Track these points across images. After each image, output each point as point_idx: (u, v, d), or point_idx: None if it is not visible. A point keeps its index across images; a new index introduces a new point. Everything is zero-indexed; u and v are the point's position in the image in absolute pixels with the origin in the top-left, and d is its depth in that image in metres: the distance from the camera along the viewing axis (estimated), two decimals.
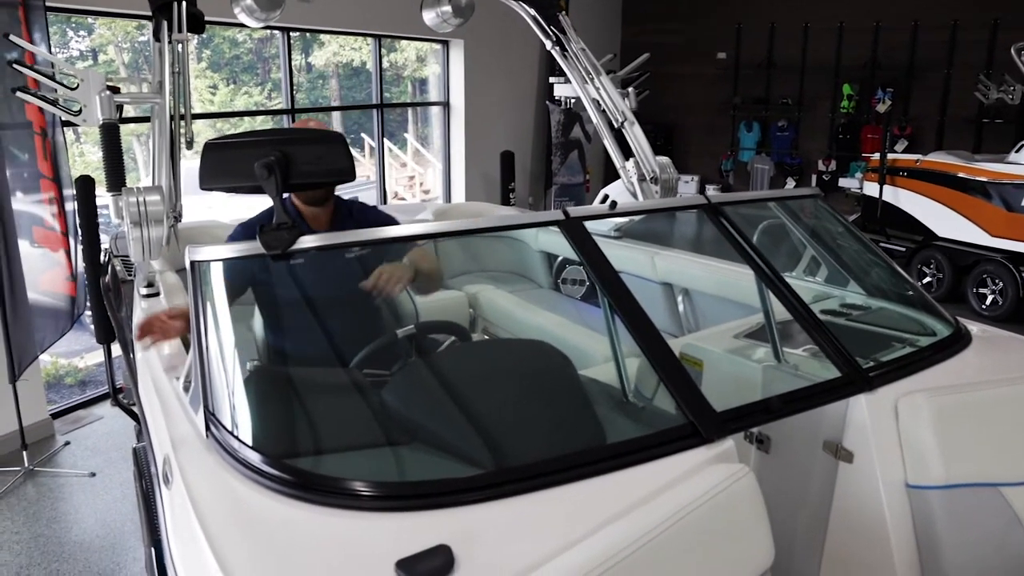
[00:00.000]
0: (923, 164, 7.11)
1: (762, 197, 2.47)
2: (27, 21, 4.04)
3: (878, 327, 2.32)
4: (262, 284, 1.92)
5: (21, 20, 3.97)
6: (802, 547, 1.98)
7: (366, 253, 2.00)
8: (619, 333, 1.80)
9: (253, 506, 1.40)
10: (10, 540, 3.69)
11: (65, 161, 4.40)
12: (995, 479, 1.79)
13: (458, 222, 1.78)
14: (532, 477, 1.40)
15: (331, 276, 2.03)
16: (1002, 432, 1.85)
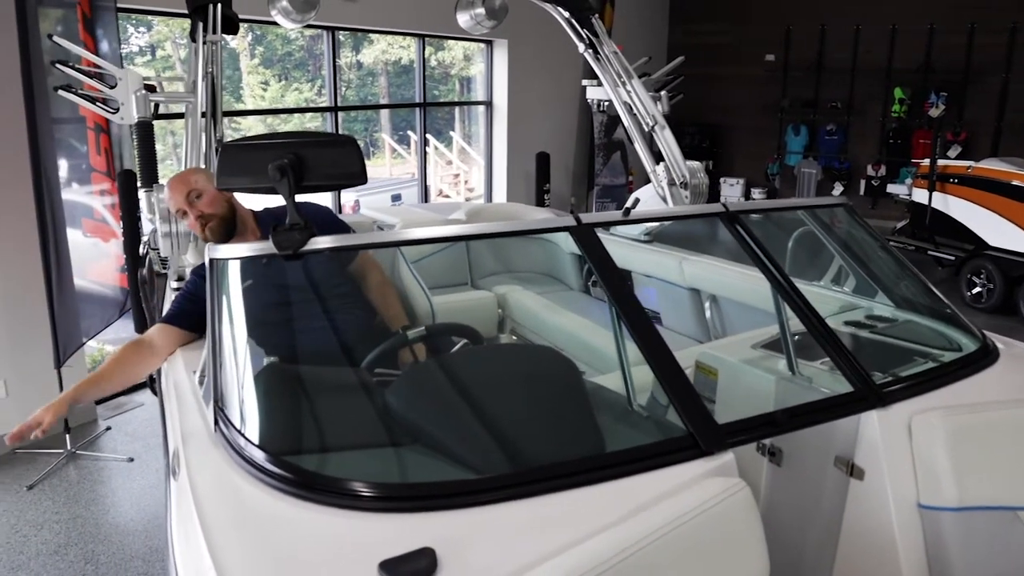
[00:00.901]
0: (975, 171, 6.90)
1: (783, 206, 2.43)
2: (85, 20, 4.17)
3: (901, 340, 2.27)
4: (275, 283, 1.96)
5: (79, 19, 4.10)
6: (811, 563, 1.95)
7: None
8: (625, 341, 1.79)
9: (251, 501, 1.43)
10: (51, 520, 3.82)
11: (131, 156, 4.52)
12: (1013, 503, 1.74)
13: (469, 226, 1.80)
14: (527, 483, 1.41)
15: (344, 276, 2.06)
16: (1020, 454, 1.79)
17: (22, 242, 4.33)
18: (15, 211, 4.29)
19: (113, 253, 4.71)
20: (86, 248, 4.59)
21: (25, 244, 4.32)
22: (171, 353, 2.28)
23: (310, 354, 1.92)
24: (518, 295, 3.75)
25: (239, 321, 1.84)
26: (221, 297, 1.83)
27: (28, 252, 4.31)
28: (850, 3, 9.42)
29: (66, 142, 4.36)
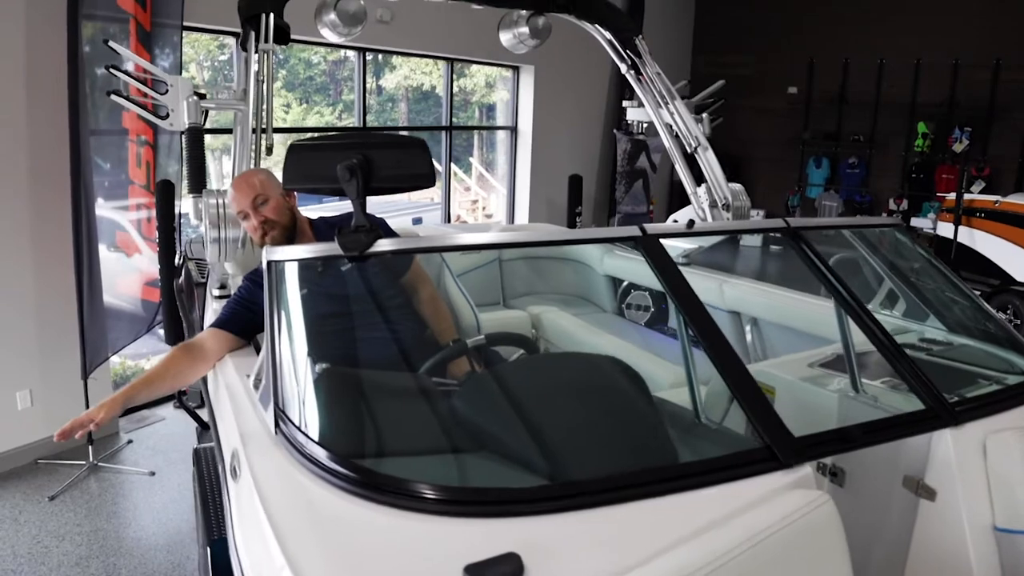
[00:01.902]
0: (1003, 205, 6.87)
1: (842, 224, 2.41)
2: (142, 34, 4.22)
3: (960, 363, 2.22)
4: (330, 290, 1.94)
5: (132, 32, 4.15)
6: None
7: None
8: (693, 353, 1.76)
9: (320, 502, 1.39)
10: (72, 531, 3.78)
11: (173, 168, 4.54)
12: None
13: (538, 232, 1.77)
14: (604, 491, 1.37)
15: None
16: None
17: (58, 254, 4.34)
18: (54, 223, 4.31)
19: (136, 267, 4.72)
20: (111, 262, 4.60)
21: (60, 256, 4.33)
22: (220, 358, 2.25)
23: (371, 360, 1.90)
24: (552, 315, 3.72)
25: (299, 324, 1.81)
26: (280, 299, 1.81)
27: (63, 264, 4.32)
28: (874, 36, 9.47)
29: (105, 154, 4.39)
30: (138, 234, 4.68)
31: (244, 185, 2.42)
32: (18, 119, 4.11)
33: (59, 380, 4.48)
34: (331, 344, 1.86)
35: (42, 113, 4.17)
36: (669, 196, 10.85)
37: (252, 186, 2.40)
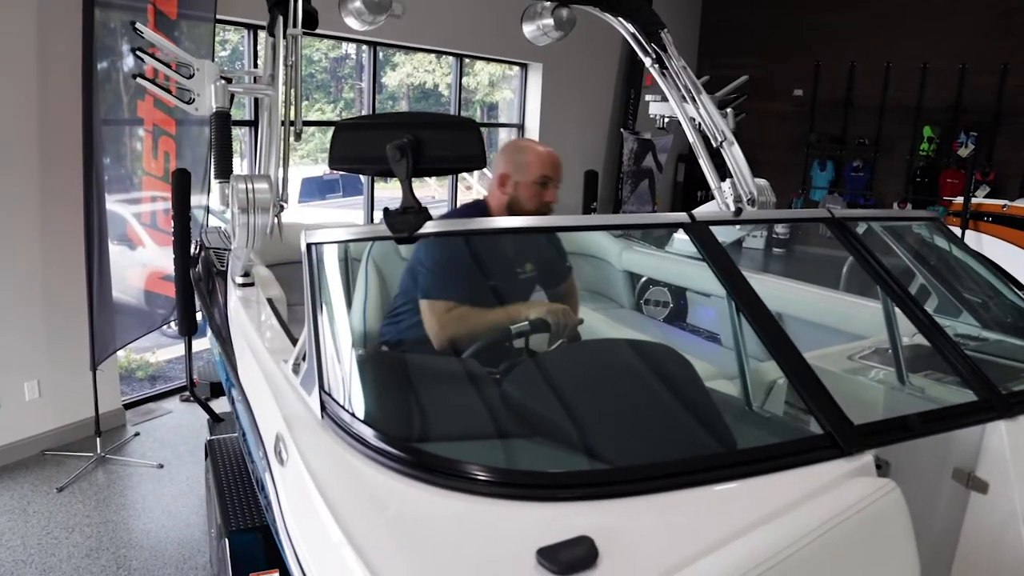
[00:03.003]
0: (1011, 210, 6.87)
1: (882, 215, 2.39)
2: (164, 22, 4.18)
3: (1001, 358, 2.20)
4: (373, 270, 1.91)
5: (150, 20, 4.10)
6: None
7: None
8: (745, 340, 1.73)
9: (376, 485, 1.36)
10: (81, 523, 3.73)
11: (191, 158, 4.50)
12: None
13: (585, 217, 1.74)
14: (670, 476, 1.35)
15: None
16: None
17: (67, 245, 4.30)
18: (64, 213, 4.27)
19: (140, 261, 4.67)
20: (117, 255, 4.55)
21: (70, 247, 4.29)
22: None
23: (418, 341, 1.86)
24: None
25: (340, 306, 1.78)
26: (322, 282, 1.77)
27: (72, 255, 4.28)
28: (880, 41, 9.49)
29: (114, 145, 4.33)
30: (149, 226, 4.63)
31: (557, 160, 2.52)
32: (30, 107, 4.06)
33: (67, 371, 4.43)
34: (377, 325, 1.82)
35: (54, 102, 4.13)
36: (672, 197, 10.85)
37: (560, 166, 2.51)
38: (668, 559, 1.17)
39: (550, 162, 2.51)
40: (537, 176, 2.48)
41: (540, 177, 2.48)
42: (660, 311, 3.93)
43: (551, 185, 2.49)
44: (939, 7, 9.09)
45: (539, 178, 2.47)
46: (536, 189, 2.48)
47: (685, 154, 10.66)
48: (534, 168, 2.48)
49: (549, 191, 2.49)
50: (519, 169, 2.50)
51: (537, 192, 2.48)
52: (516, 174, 2.50)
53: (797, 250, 10.11)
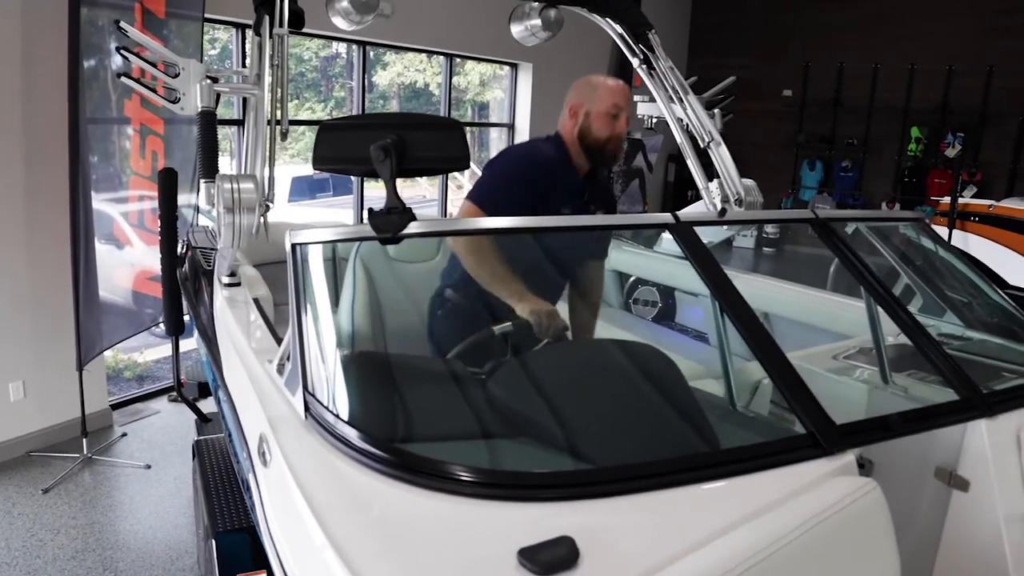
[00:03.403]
0: (997, 210, 6.93)
1: (867, 216, 2.40)
2: (151, 21, 4.16)
3: (981, 357, 2.22)
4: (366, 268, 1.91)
5: (137, 18, 4.08)
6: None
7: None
8: (729, 340, 1.74)
9: (359, 486, 1.36)
10: (67, 524, 3.71)
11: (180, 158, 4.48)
12: None
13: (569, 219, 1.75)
14: (653, 476, 1.35)
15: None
16: None
17: (53, 244, 4.27)
18: (49, 212, 4.24)
19: (128, 260, 4.64)
20: (105, 254, 4.53)
21: (56, 246, 4.26)
22: None
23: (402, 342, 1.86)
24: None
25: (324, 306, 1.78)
26: (306, 282, 1.77)
27: (58, 254, 4.26)
28: (869, 42, 9.54)
29: (99, 144, 4.31)
30: (136, 225, 4.61)
31: (629, 93, 2.56)
32: (13, 107, 4.04)
33: (53, 372, 4.40)
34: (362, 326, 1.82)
35: (39, 101, 4.10)
36: (663, 196, 10.87)
37: (631, 99, 2.56)
38: (649, 559, 1.17)
39: (622, 93, 2.54)
40: (609, 106, 2.50)
41: (612, 107, 2.50)
42: (648, 311, 3.94)
43: (622, 116, 2.52)
44: (927, 9, 9.14)
45: (611, 107, 2.50)
46: (608, 119, 2.51)
47: (675, 154, 10.69)
48: (606, 98, 2.51)
49: (620, 122, 2.51)
50: (591, 99, 2.53)
51: (609, 122, 2.51)
52: (588, 103, 2.53)
53: (787, 250, 10.15)
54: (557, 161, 2.53)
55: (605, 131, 2.51)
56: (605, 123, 2.52)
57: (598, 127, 2.52)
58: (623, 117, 2.52)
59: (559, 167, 2.52)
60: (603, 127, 2.51)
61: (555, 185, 2.47)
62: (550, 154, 2.55)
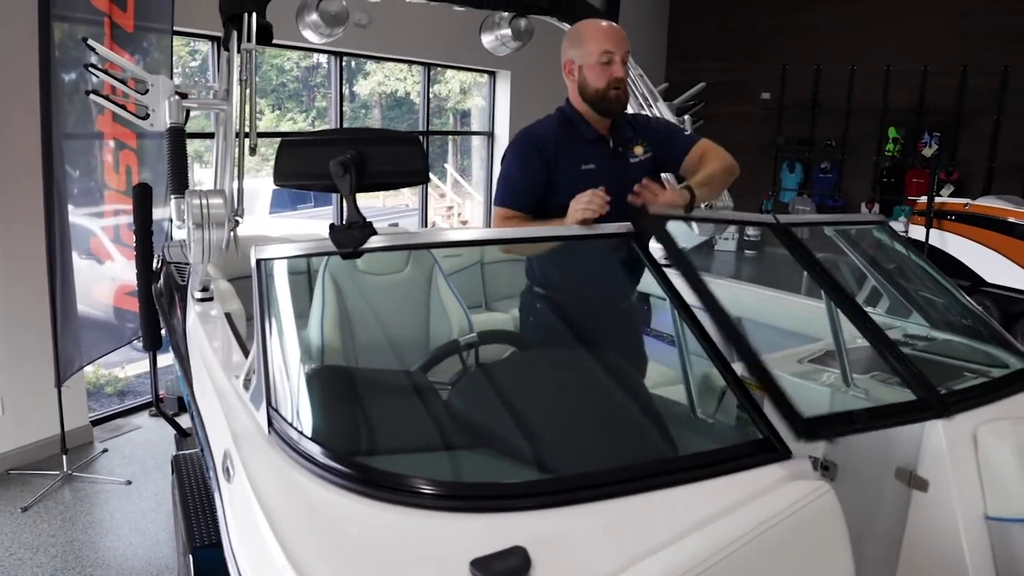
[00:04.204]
0: (972, 208, 6.99)
1: (828, 220, 2.43)
2: (120, 35, 4.15)
3: (945, 357, 2.25)
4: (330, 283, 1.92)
5: (107, 33, 4.07)
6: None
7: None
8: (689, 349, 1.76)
9: (318, 500, 1.37)
10: (46, 543, 3.69)
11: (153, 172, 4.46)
12: None
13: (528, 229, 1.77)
14: (606, 485, 1.37)
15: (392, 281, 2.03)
16: None
17: (29, 261, 4.25)
18: (24, 228, 4.22)
19: (109, 275, 4.63)
20: (84, 269, 4.51)
21: (31, 263, 4.24)
22: None
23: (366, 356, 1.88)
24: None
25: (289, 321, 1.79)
26: (270, 297, 1.78)
27: (34, 270, 4.24)
28: (845, 44, 9.63)
29: (78, 158, 4.30)
30: (113, 240, 4.59)
31: (621, 32, 2.38)
32: None
33: (31, 388, 4.37)
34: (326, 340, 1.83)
35: (11, 116, 4.09)
36: None
37: (626, 40, 2.36)
38: (600, 567, 1.19)
39: (607, 36, 2.37)
40: (598, 54, 2.36)
41: (601, 54, 2.35)
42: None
43: (615, 59, 2.35)
44: (901, 10, 9.24)
45: (600, 55, 2.35)
46: (600, 68, 2.36)
47: None
48: (592, 45, 2.37)
49: (615, 65, 2.35)
50: (579, 53, 2.40)
51: (602, 70, 2.35)
52: (577, 57, 2.41)
53: (768, 252, 10.21)
54: (564, 125, 2.44)
55: (601, 80, 2.36)
56: (599, 73, 2.36)
57: (593, 78, 2.37)
58: (617, 60, 2.35)
59: (566, 130, 2.43)
60: (598, 77, 2.36)
61: (567, 148, 2.39)
62: (552, 123, 2.46)
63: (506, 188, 2.37)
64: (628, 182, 2.42)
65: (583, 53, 2.39)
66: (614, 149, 2.46)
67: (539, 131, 2.45)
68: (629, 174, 2.43)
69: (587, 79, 2.39)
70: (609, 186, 2.33)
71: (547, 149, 2.36)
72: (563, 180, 2.33)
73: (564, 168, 2.37)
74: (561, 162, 2.37)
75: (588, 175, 2.35)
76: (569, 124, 2.44)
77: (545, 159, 2.36)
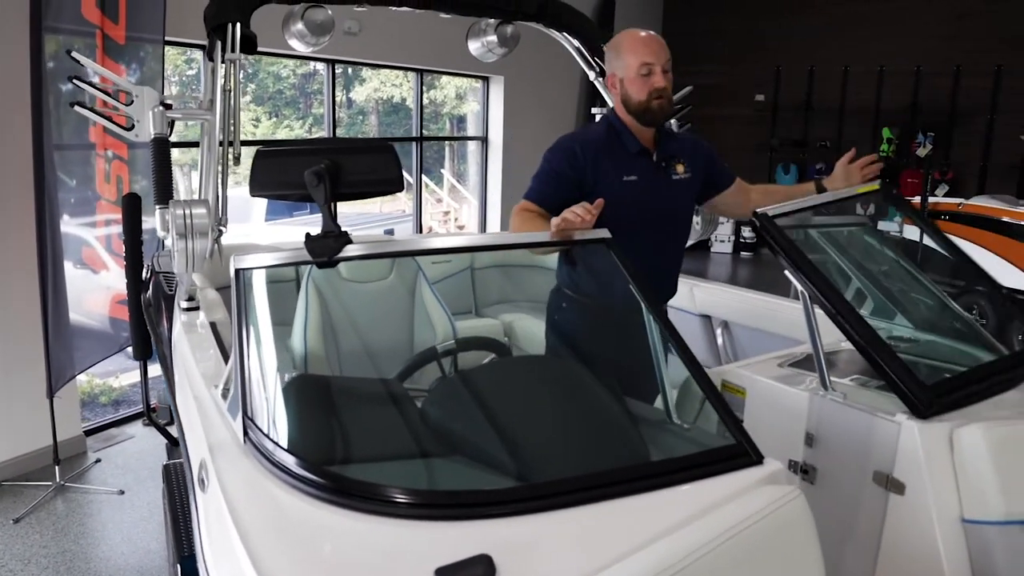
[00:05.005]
0: (966, 208, 7.00)
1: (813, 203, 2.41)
2: (112, 48, 4.16)
3: (926, 358, 2.26)
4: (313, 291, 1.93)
5: (99, 45, 4.09)
6: None
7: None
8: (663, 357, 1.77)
9: (290, 510, 1.38)
10: (38, 554, 3.69)
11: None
12: None
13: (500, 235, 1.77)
14: (576, 491, 1.37)
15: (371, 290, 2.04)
16: None
17: (20, 270, 4.26)
18: (16, 238, 4.23)
19: (104, 284, 4.64)
20: (78, 279, 4.52)
21: (22, 272, 4.25)
22: None
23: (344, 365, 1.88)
24: (524, 322, 3.73)
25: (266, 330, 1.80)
26: (249, 306, 1.79)
27: (25, 280, 4.24)
28: (838, 45, 9.65)
29: (70, 169, 4.31)
30: (106, 250, 4.60)
31: (661, 41, 2.39)
32: None
33: (22, 399, 4.37)
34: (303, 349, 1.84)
35: (3, 128, 4.10)
36: None
37: (665, 48, 2.38)
38: (566, 573, 1.19)
39: (646, 47, 2.38)
40: (637, 66, 2.37)
41: (640, 67, 2.36)
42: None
43: (655, 69, 2.36)
44: (894, 11, 9.26)
45: (639, 68, 2.36)
46: (640, 80, 2.37)
47: None
48: (631, 58, 2.38)
49: (655, 76, 2.36)
50: (619, 66, 2.42)
51: (642, 83, 2.37)
52: (618, 71, 2.42)
53: (764, 254, 10.22)
54: (608, 135, 2.45)
55: (643, 92, 2.36)
56: (639, 85, 2.37)
57: (635, 91, 2.38)
58: (657, 70, 2.35)
59: (609, 140, 2.44)
60: (639, 90, 2.37)
61: (610, 158, 2.40)
62: (597, 132, 2.48)
63: (534, 183, 2.42)
64: (668, 197, 2.46)
65: (623, 66, 2.41)
66: (657, 163, 2.48)
67: (581, 137, 2.47)
68: (671, 190, 2.47)
69: (629, 92, 2.41)
70: (649, 200, 2.35)
71: (584, 156, 2.38)
72: (604, 189, 2.33)
73: (605, 178, 2.38)
74: (602, 171, 2.39)
75: (629, 187, 2.39)
76: (615, 135, 2.46)
77: (577, 166, 2.37)
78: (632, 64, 2.38)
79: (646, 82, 2.36)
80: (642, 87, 2.37)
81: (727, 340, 3.36)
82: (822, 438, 1.96)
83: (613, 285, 1.94)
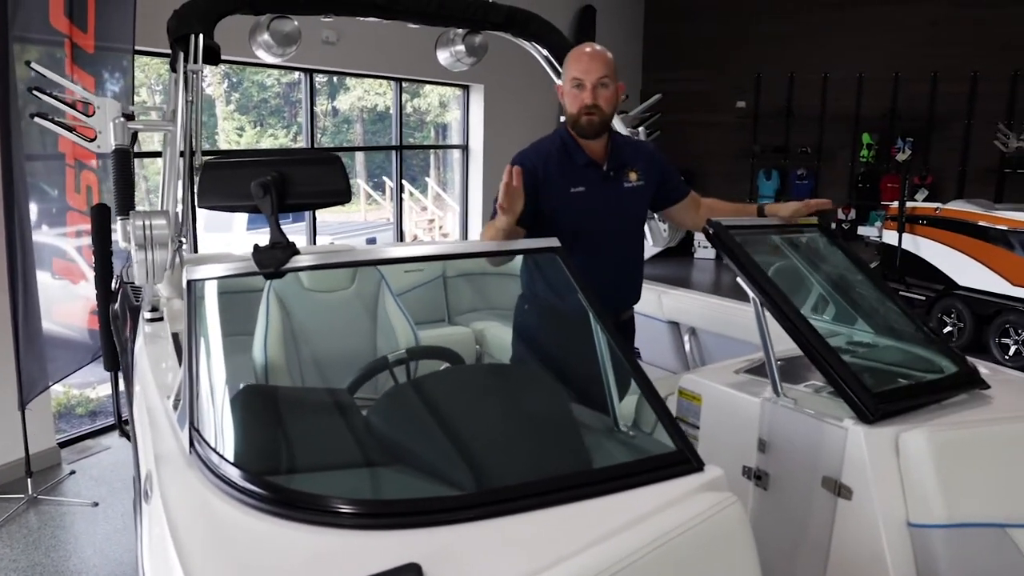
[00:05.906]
0: (943, 212, 7.05)
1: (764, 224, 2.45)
2: (81, 56, 4.14)
3: (880, 363, 2.27)
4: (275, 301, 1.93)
5: (67, 54, 4.08)
6: None
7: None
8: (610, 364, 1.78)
9: (228, 521, 1.37)
10: (7, 568, 3.66)
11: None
12: (1001, 519, 1.73)
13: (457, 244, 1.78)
14: (512, 499, 1.37)
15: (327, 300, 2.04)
16: (1009, 471, 1.79)
17: None
18: None
19: (82, 295, 4.61)
20: (54, 290, 4.49)
21: None
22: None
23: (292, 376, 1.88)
24: (496, 330, 3.74)
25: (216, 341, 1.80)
26: (200, 318, 1.79)
27: None
28: (817, 52, 9.73)
29: (39, 180, 4.30)
30: (82, 261, 4.58)
31: (599, 57, 2.32)
32: None
33: None
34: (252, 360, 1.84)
35: None
36: None
37: (606, 63, 2.32)
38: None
39: (579, 62, 2.34)
40: (569, 79, 2.35)
41: (571, 80, 2.35)
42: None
43: (587, 85, 2.32)
44: (871, 18, 9.35)
45: (571, 80, 2.35)
46: (572, 92, 2.35)
47: None
48: (567, 72, 2.37)
49: (585, 93, 2.32)
50: (563, 78, 2.41)
51: (574, 95, 2.35)
52: (563, 84, 2.42)
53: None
54: (559, 147, 2.44)
55: (574, 107, 2.35)
56: (572, 98, 2.36)
57: (569, 105, 2.38)
58: (587, 86, 2.32)
59: (561, 153, 2.43)
60: (571, 103, 2.36)
61: (559, 171, 2.39)
62: (548, 145, 2.46)
63: (494, 203, 2.37)
64: (619, 206, 2.45)
65: (564, 79, 2.42)
66: (607, 173, 2.47)
67: (533, 152, 2.46)
68: (622, 199, 2.47)
69: (565, 104, 2.41)
70: (599, 208, 2.34)
71: (535, 169, 2.37)
72: (554, 201, 2.35)
73: (555, 190, 2.38)
74: (552, 184, 2.38)
75: (578, 197, 2.39)
76: (564, 147, 2.45)
77: (528, 181, 2.31)
78: (567, 78, 2.38)
79: (576, 96, 2.35)
80: (573, 101, 2.36)
81: (695, 346, 3.37)
82: (774, 444, 1.97)
83: (564, 293, 1.95)
